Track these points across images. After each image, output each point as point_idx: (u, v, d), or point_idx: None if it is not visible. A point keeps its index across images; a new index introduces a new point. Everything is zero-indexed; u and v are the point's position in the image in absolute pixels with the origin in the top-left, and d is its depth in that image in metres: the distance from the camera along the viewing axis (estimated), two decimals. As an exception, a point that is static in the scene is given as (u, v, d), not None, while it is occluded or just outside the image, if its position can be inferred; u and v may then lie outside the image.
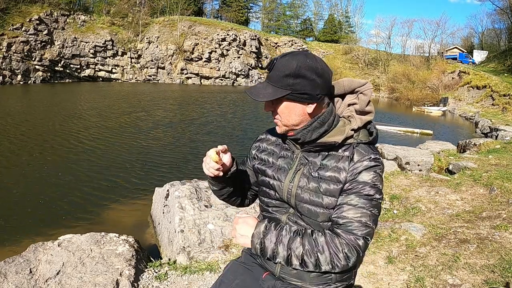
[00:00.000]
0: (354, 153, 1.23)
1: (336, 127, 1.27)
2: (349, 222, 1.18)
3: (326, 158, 1.25)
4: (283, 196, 1.31)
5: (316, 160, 1.27)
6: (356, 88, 1.31)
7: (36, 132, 12.21)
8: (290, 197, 1.28)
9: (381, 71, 46.01)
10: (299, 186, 1.26)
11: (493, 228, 3.67)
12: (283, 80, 1.20)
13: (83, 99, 22.95)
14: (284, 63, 1.20)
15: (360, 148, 1.24)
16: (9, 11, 32.54)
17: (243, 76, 43.77)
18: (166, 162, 9.41)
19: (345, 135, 1.23)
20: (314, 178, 1.24)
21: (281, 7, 65.27)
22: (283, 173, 1.31)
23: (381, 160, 1.25)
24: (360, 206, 1.19)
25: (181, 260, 3.37)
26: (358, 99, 1.29)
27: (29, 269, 2.66)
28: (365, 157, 1.21)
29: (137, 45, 40.77)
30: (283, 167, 1.32)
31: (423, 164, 6.86)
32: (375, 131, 1.28)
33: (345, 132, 1.24)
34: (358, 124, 1.25)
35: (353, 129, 1.25)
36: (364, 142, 1.25)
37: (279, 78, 1.20)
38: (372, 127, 1.29)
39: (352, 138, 1.25)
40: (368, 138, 1.26)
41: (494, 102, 27.51)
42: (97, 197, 6.81)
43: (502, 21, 46.69)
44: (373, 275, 2.97)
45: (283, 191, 1.30)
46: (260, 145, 1.45)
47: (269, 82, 1.23)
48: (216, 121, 17.05)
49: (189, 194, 4.33)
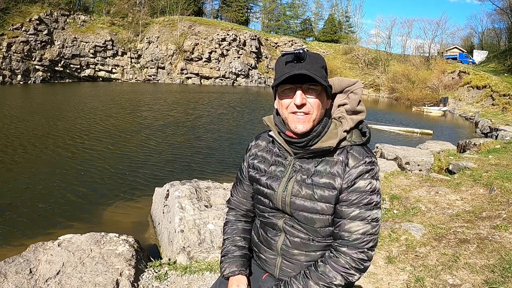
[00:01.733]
0: (349, 157, 1.20)
1: (329, 130, 1.23)
2: (352, 237, 1.18)
3: (320, 164, 1.22)
4: (278, 205, 1.28)
5: (309, 166, 1.23)
6: (346, 88, 1.29)
7: (36, 132, 12.20)
8: (285, 206, 1.26)
9: (381, 71, 46.01)
10: (293, 194, 1.23)
11: (493, 228, 3.67)
12: (321, 71, 1.17)
13: (83, 99, 22.94)
14: (315, 55, 1.18)
15: (354, 151, 1.21)
16: (9, 11, 32.52)
17: (243, 76, 43.76)
18: (166, 162, 9.40)
19: (339, 138, 1.20)
20: (307, 185, 1.21)
21: (281, 7, 65.42)
22: (276, 182, 1.28)
23: (376, 161, 1.23)
24: (361, 218, 1.18)
25: (181, 260, 3.37)
26: (348, 99, 1.27)
27: (29, 269, 2.66)
28: (360, 162, 1.18)
29: (137, 45, 40.76)
30: (276, 175, 1.29)
31: (423, 164, 6.86)
32: (368, 131, 1.25)
33: (338, 135, 1.21)
34: (350, 125, 1.23)
35: (345, 131, 1.22)
36: (358, 143, 1.22)
37: (318, 68, 1.16)
38: (364, 127, 1.26)
39: (346, 140, 1.22)
40: (361, 139, 1.23)
41: (494, 102, 27.50)
42: (97, 197, 6.81)
43: (502, 21, 46.73)
44: (373, 275, 2.97)
45: (277, 200, 1.27)
46: (252, 152, 1.41)
47: (310, 71, 1.13)
48: (216, 121, 17.05)
49: (189, 194, 4.32)
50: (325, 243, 1.27)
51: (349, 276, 1.19)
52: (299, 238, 1.28)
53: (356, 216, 1.18)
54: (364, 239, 1.18)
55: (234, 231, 1.47)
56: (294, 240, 1.29)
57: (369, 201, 1.18)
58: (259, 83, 44.25)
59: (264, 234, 1.39)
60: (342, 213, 1.20)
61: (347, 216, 1.19)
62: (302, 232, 1.27)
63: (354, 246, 1.18)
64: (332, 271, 1.19)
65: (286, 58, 1.16)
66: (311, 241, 1.27)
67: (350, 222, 1.18)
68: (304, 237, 1.27)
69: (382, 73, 45.79)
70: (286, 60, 1.17)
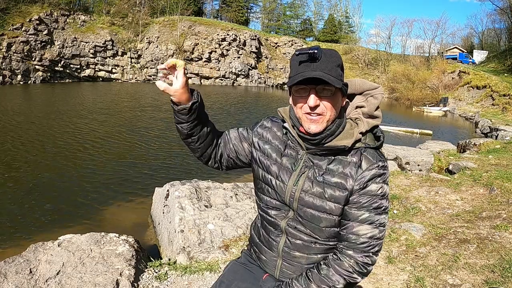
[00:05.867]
0: (362, 159, 1.18)
1: (344, 130, 1.22)
2: (360, 240, 1.18)
3: (332, 163, 1.21)
4: (285, 198, 1.26)
5: (321, 163, 1.22)
6: (366, 90, 1.27)
7: (36, 132, 12.20)
8: (293, 200, 1.24)
9: (381, 71, 46.02)
10: (303, 190, 1.22)
11: (493, 228, 3.67)
12: (337, 70, 1.14)
13: (83, 99, 22.93)
14: (331, 53, 1.15)
15: (368, 154, 1.19)
16: (9, 11, 32.50)
17: (243, 76, 43.75)
18: (166, 162, 9.40)
19: (354, 139, 1.19)
20: (319, 183, 1.20)
21: (281, 7, 65.36)
22: (287, 174, 1.26)
23: (388, 165, 1.23)
24: (370, 221, 1.17)
25: (181, 260, 3.36)
26: (367, 102, 1.26)
27: (29, 269, 2.66)
28: (374, 165, 1.17)
29: (137, 45, 40.74)
30: (287, 167, 1.26)
31: (423, 164, 6.86)
32: (382, 136, 1.24)
33: (354, 136, 1.20)
34: (366, 128, 1.22)
35: (361, 132, 1.21)
36: (372, 146, 1.21)
37: (333, 67, 1.13)
38: (378, 131, 1.25)
39: (360, 142, 1.21)
40: (375, 143, 1.22)
41: (494, 102, 27.52)
42: (97, 197, 6.81)
43: (502, 21, 46.79)
44: (373, 275, 2.97)
45: (286, 193, 1.26)
46: (264, 134, 1.36)
47: (324, 71, 1.11)
48: (217, 121, 17.02)
49: (189, 194, 4.32)
50: (327, 246, 1.26)
51: (351, 280, 1.19)
52: (301, 240, 1.27)
53: (365, 220, 1.17)
54: (371, 243, 1.17)
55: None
56: (296, 242, 1.28)
57: (379, 205, 1.17)
58: (259, 83, 44.22)
59: (265, 234, 1.38)
60: (350, 215, 1.19)
61: (356, 218, 1.18)
62: (305, 234, 1.26)
63: (360, 249, 1.18)
64: (336, 275, 1.19)
65: (301, 57, 1.14)
66: (313, 243, 1.26)
67: (359, 225, 1.18)
68: (306, 239, 1.27)
69: (382, 73, 45.80)
70: (300, 59, 1.14)
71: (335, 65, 1.14)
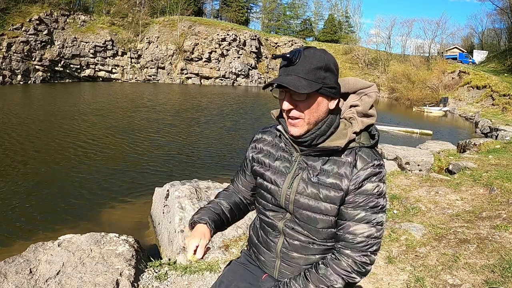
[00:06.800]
0: (357, 159, 1.17)
1: (338, 130, 1.21)
2: (357, 239, 1.17)
3: (327, 163, 1.20)
4: (281, 202, 1.26)
5: (316, 164, 1.21)
6: (360, 89, 1.26)
7: (36, 132, 12.21)
8: (288, 203, 1.24)
9: (381, 71, 46.02)
10: (298, 192, 1.22)
11: (493, 228, 3.67)
12: (315, 73, 1.11)
13: (83, 99, 22.94)
14: (313, 55, 1.12)
15: (363, 153, 1.18)
16: (9, 11, 32.50)
17: (243, 76, 43.76)
18: (166, 162, 9.40)
19: (348, 139, 1.18)
20: (313, 184, 1.20)
21: (281, 7, 65.37)
22: (281, 178, 1.26)
23: (384, 164, 1.22)
24: (367, 220, 1.16)
25: (181, 260, 3.37)
26: (361, 101, 1.24)
27: (29, 269, 2.66)
28: (369, 164, 1.16)
29: (137, 45, 40.74)
30: (281, 171, 1.27)
31: (423, 164, 6.87)
32: (377, 134, 1.23)
33: (348, 136, 1.19)
34: (360, 127, 1.21)
35: (355, 132, 1.20)
36: (367, 145, 1.20)
37: (311, 70, 1.11)
38: (373, 129, 1.24)
39: (354, 141, 1.20)
40: (369, 142, 1.21)
41: (494, 102, 27.53)
42: (97, 197, 6.81)
43: (502, 21, 46.81)
44: (373, 275, 2.97)
45: (281, 196, 1.26)
46: (257, 145, 1.39)
47: (298, 74, 1.11)
48: (217, 121, 17.05)
49: (189, 194, 4.33)
50: (325, 246, 1.26)
51: (350, 279, 1.18)
52: (299, 241, 1.27)
53: (361, 219, 1.17)
54: (369, 242, 1.17)
55: (227, 197, 1.49)
56: (294, 243, 1.28)
57: (375, 204, 1.17)
58: (259, 83, 44.23)
59: (263, 235, 1.38)
60: (347, 215, 1.18)
61: (352, 218, 1.17)
62: (302, 235, 1.26)
63: (357, 249, 1.17)
64: (334, 275, 1.18)
65: (282, 61, 1.16)
66: (310, 244, 1.26)
67: (355, 224, 1.17)
68: (303, 240, 1.26)
69: (382, 73, 45.80)
70: (282, 63, 1.16)
71: (314, 68, 1.11)
